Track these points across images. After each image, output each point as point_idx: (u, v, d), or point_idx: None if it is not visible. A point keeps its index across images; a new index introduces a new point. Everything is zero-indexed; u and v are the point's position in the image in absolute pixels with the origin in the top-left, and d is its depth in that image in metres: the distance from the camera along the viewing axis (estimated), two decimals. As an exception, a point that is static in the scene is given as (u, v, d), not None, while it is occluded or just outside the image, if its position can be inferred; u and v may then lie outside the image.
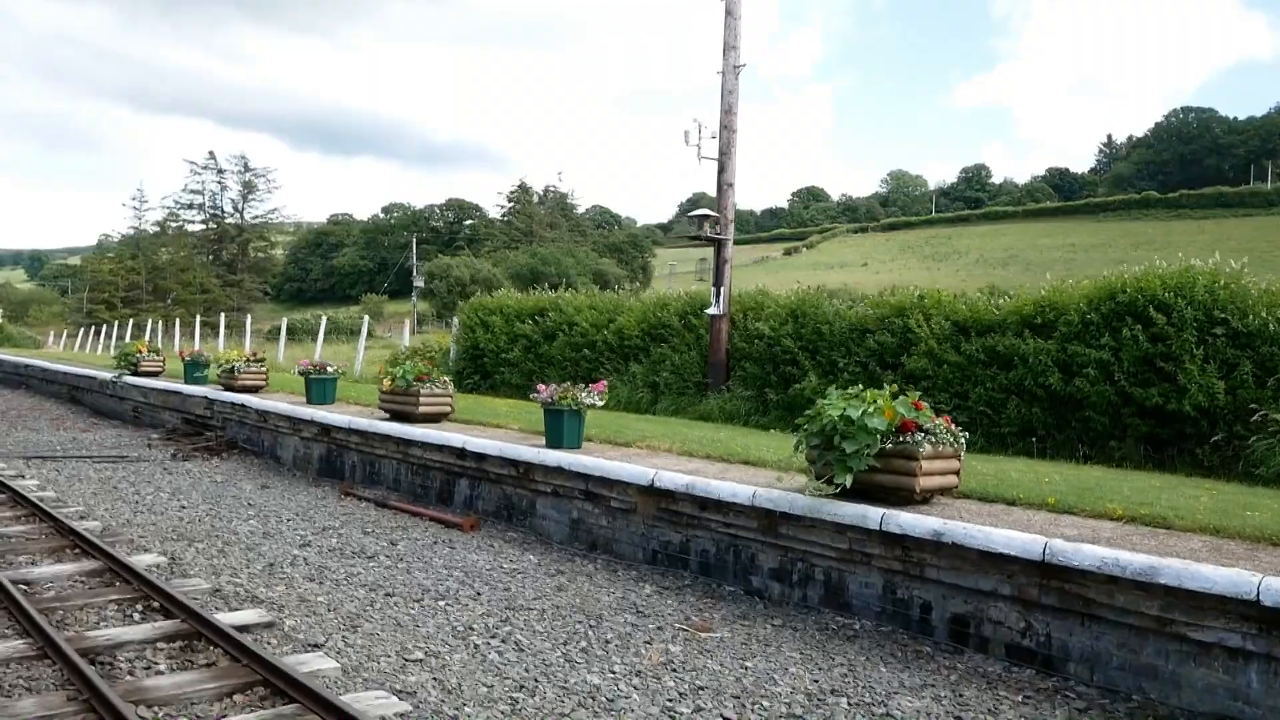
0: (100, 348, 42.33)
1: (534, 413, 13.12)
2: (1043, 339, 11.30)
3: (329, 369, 14.79)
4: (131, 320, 46.71)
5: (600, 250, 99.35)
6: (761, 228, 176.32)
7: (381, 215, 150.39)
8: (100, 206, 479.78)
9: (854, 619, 7.33)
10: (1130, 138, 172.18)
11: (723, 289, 14.46)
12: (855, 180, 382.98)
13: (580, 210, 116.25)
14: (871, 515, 6.98)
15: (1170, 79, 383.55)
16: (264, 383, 16.89)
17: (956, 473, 7.57)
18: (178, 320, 41.97)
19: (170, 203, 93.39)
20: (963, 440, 7.34)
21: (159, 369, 21.04)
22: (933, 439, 7.08)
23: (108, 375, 21.97)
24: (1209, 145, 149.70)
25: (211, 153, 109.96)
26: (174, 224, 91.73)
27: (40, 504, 10.21)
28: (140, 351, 20.81)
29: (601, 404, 10.21)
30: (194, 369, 18.73)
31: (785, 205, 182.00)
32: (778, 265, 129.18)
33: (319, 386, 14.78)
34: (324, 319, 35.16)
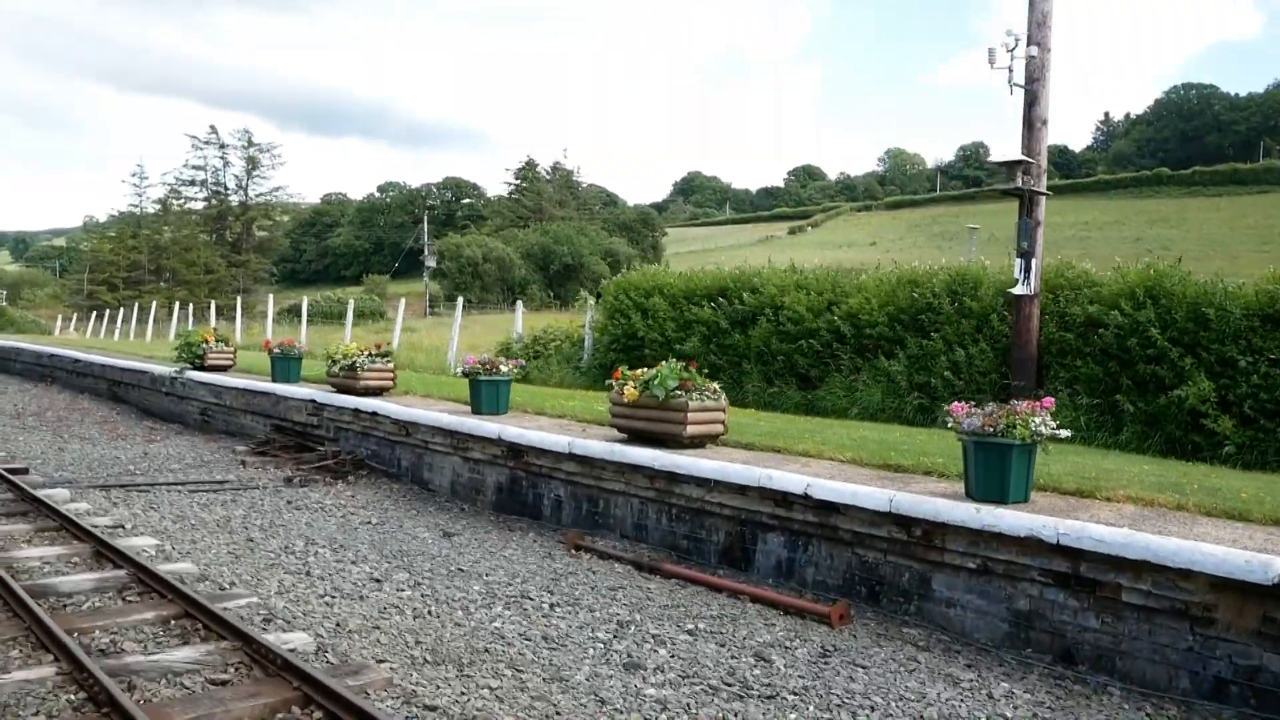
0: (117, 333, 38.12)
1: (848, 432, 9.48)
2: None
3: (502, 367, 11.00)
4: (136, 303, 42.41)
5: (610, 229, 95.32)
6: (757, 206, 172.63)
7: (377, 194, 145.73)
8: (85, 187, 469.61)
9: None
10: (1128, 115, 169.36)
11: (1034, 260, 10.73)
12: (847, 159, 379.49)
13: (583, 187, 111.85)
14: None
15: (1158, 58, 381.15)
16: (392, 383, 13.06)
17: None
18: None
19: (171, 179, 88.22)
20: None
21: (229, 362, 17.14)
22: None
23: (162, 369, 18.05)
24: (1210, 122, 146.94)
25: (213, 127, 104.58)
26: (176, 201, 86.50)
27: (181, 587, 6.42)
28: (206, 341, 16.89)
29: (1059, 430, 6.49)
30: (284, 364, 14.87)
31: (781, 184, 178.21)
32: (784, 244, 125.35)
33: (489, 391, 11.00)
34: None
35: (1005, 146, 10.79)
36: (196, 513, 9.95)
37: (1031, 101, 10.71)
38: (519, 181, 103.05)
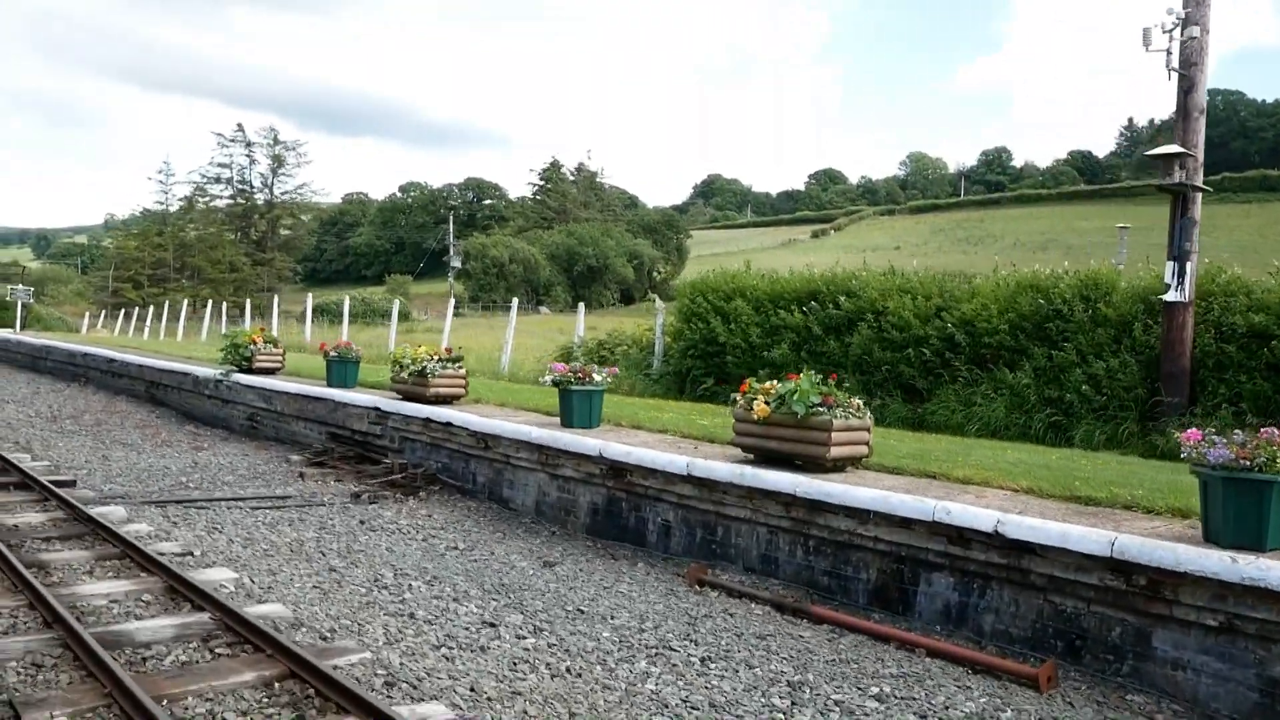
0: (146, 331, 37.27)
1: (996, 455, 8.43)
2: None
3: (595, 376, 9.95)
4: (166, 302, 41.54)
5: (634, 230, 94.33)
6: (777, 209, 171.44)
7: (399, 194, 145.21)
8: (106, 185, 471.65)
9: None
10: (1152, 121, 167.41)
11: (1190, 264, 9.62)
12: (866, 162, 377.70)
13: (606, 189, 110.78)
14: None
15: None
16: (463, 390, 12.04)
17: None
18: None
19: (197, 176, 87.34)
20: None
21: (277, 364, 16.16)
22: None
23: (204, 371, 17.09)
24: (1237, 128, 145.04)
25: (239, 124, 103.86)
26: (202, 199, 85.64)
27: (278, 638, 5.41)
28: (254, 342, 15.90)
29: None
30: (340, 368, 13.88)
31: (802, 187, 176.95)
32: (806, 248, 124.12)
33: (582, 402, 9.96)
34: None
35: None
36: (265, 535, 8.94)
37: (1188, 88, 9.65)
38: (543, 182, 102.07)
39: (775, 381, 8.09)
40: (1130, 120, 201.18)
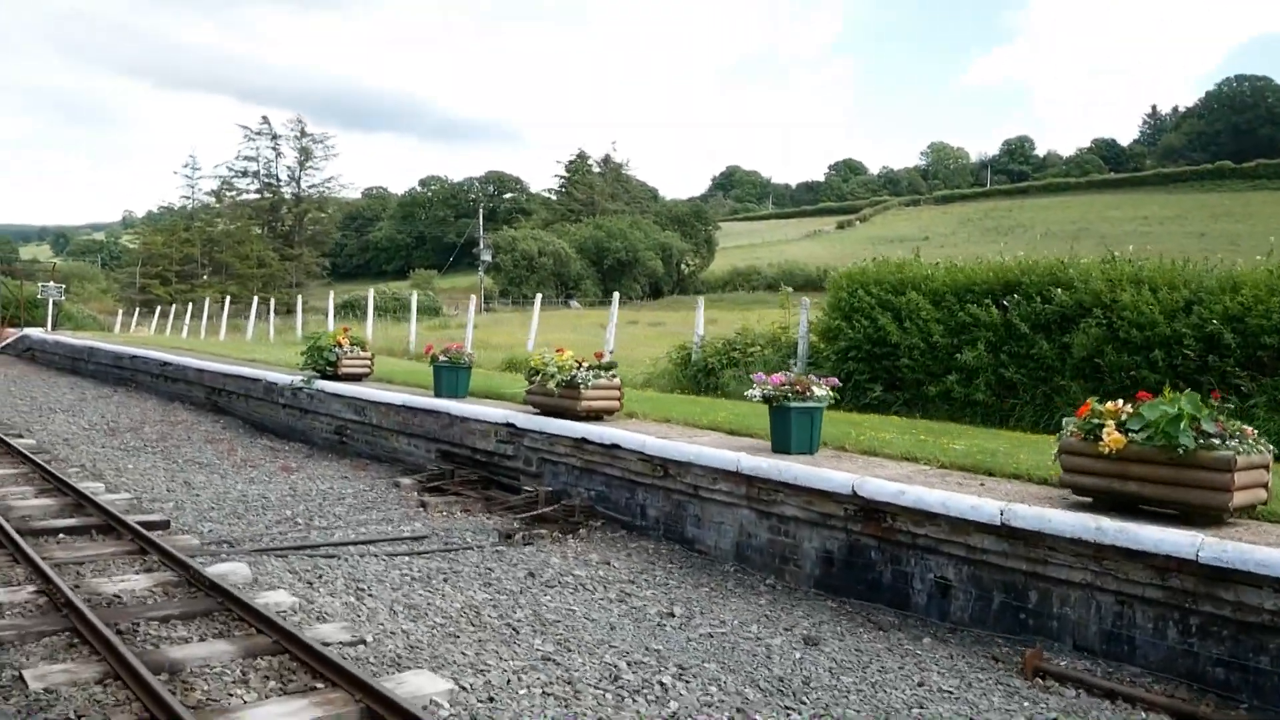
0: (185, 330, 35.32)
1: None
2: None
3: (815, 389, 7.89)
4: (206, 298, 39.59)
5: (662, 223, 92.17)
6: (797, 201, 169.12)
7: (419, 189, 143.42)
8: (122, 182, 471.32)
9: None
10: (1176, 109, 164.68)
11: None
12: (885, 154, 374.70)
13: (633, 181, 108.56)
14: None
15: (1200, 50, 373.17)
16: (618, 404, 9.99)
17: None
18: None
19: (224, 170, 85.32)
20: None
21: (365, 369, 14.14)
22: None
23: (277, 377, 15.10)
24: (1264, 115, 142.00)
25: (265, 118, 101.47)
26: (229, 193, 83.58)
27: None
28: (339, 344, 13.87)
29: None
30: (451, 375, 11.86)
31: (822, 178, 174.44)
32: (833, 239, 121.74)
33: (801, 422, 7.93)
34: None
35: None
36: (426, 598, 6.93)
37: None
38: (569, 174, 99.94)
39: (1120, 402, 6.03)
40: (1154, 108, 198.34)
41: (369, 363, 14.13)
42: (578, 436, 9.54)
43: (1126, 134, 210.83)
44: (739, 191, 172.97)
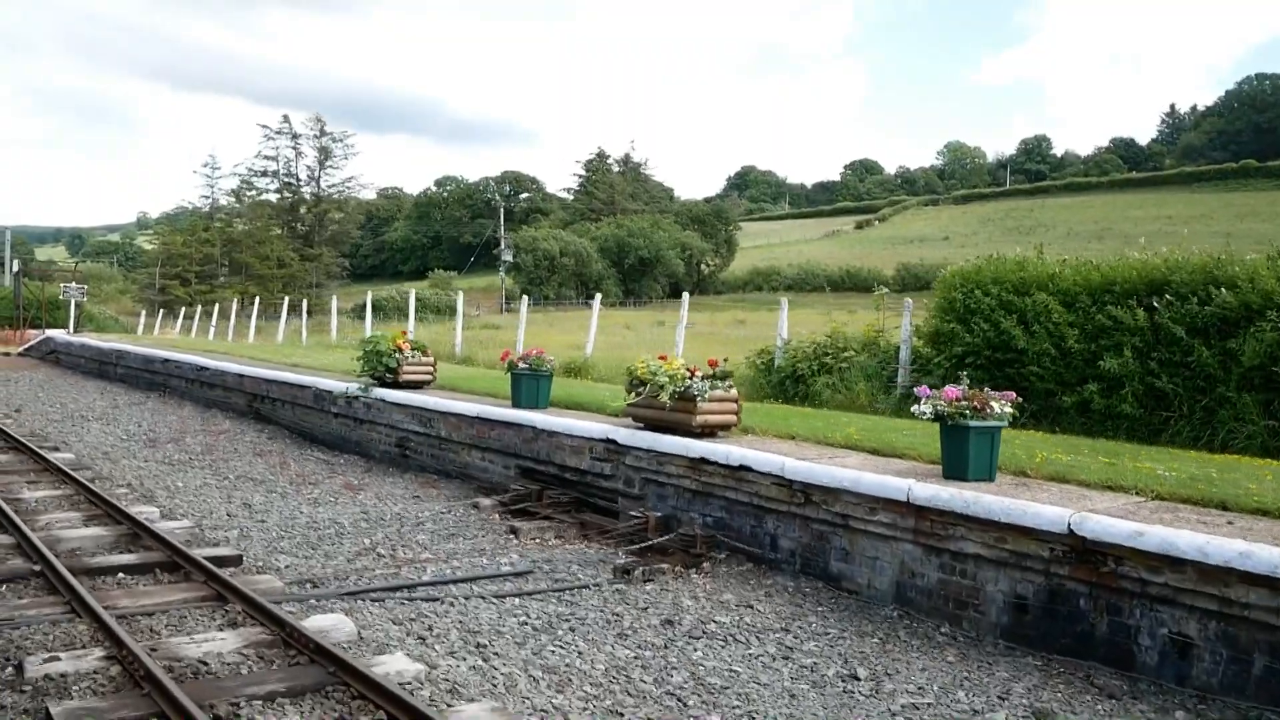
0: (211, 332, 34.28)
1: None
2: None
3: (995, 405, 6.73)
4: (235, 301, 38.50)
5: (682, 222, 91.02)
6: (813, 200, 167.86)
7: (434, 189, 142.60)
8: (136, 184, 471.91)
9: None
10: (1194, 107, 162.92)
11: None
12: (900, 153, 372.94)
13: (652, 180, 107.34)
14: None
15: (1216, 48, 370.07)
16: (735, 418, 8.84)
17: None
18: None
19: (243, 170, 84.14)
20: None
21: (428, 376, 13.01)
22: None
23: (327, 383, 14.00)
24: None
25: (286, 116, 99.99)
26: (249, 193, 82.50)
27: None
28: (399, 349, 12.75)
29: None
30: (531, 383, 10.73)
31: (838, 178, 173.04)
32: (852, 239, 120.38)
33: (981, 444, 6.82)
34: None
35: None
36: (562, 657, 5.80)
37: None
38: (589, 174, 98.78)
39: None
40: (1172, 107, 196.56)
41: (431, 369, 13.01)
42: (695, 456, 8.39)
43: (1144, 133, 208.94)
44: (753, 191, 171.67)
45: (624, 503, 9.32)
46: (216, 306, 35.76)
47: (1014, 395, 7.07)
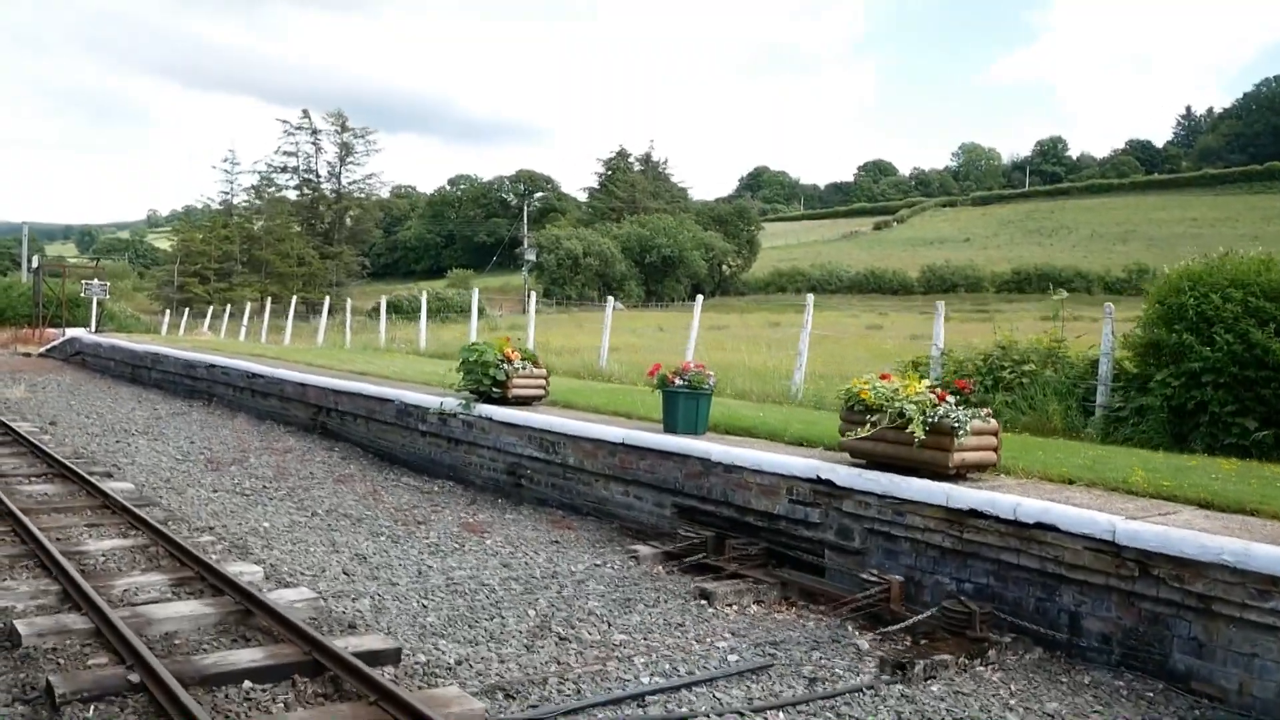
0: (242, 332, 32.38)
1: None
2: None
3: None
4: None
5: (703, 222, 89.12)
6: (826, 201, 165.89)
7: (448, 188, 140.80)
8: (146, 181, 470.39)
9: None
10: (1211, 110, 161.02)
11: None
12: (913, 154, 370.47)
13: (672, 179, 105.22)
14: None
15: (1228, 51, 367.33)
16: (995, 455, 6.89)
17: None
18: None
19: (262, 166, 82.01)
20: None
21: (539, 391, 11.08)
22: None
23: (414, 397, 12.08)
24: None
25: (305, 111, 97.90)
26: (269, 189, 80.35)
27: None
28: (508, 359, 10.81)
29: None
30: (690, 404, 8.80)
31: (851, 179, 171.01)
32: (871, 241, 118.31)
33: None
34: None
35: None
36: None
37: None
38: (609, 172, 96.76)
39: None
40: (1188, 109, 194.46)
41: (544, 383, 11.08)
42: (960, 507, 6.44)
43: (1159, 134, 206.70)
44: (767, 192, 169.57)
45: (833, 557, 7.39)
46: (247, 306, 33.82)
47: None
